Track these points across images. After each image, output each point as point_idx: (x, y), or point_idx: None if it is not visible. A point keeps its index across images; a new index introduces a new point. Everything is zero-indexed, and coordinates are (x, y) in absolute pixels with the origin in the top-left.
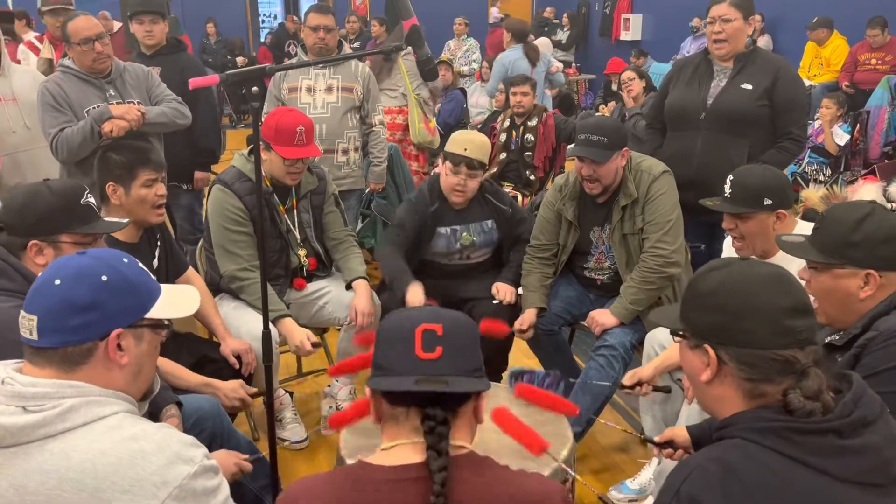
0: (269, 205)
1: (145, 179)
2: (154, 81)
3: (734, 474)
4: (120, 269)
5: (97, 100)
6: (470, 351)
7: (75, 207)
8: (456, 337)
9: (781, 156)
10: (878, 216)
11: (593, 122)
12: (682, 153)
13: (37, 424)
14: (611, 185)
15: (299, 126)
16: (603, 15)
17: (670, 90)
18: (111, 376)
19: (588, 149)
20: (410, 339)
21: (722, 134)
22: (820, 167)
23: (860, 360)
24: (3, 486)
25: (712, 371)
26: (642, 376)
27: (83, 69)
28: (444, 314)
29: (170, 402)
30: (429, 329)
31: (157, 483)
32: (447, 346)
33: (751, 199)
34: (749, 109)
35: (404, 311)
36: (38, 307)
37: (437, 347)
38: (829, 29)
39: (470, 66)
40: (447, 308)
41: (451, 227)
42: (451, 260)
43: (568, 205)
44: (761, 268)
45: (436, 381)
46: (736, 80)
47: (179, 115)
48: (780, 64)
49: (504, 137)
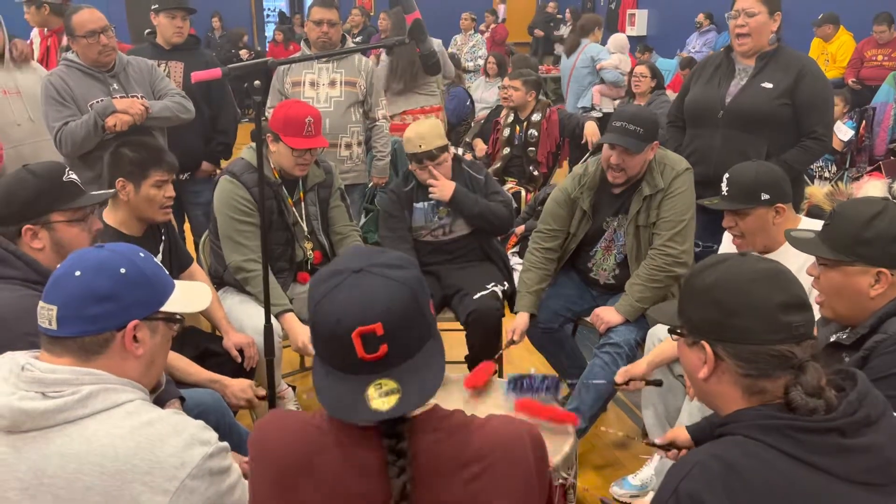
0: (278, 197)
1: (156, 180)
2: (157, 75)
3: (736, 472)
4: (137, 262)
5: (101, 94)
6: (415, 328)
7: (59, 185)
8: (398, 326)
9: (804, 155)
10: (891, 213)
11: (631, 111)
12: (700, 151)
13: (57, 409)
14: (634, 176)
15: (308, 117)
16: (608, 10)
17: (691, 88)
18: (127, 366)
19: (624, 137)
20: (348, 345)
21: (740, 132)
22: (825, 164)
23: (868, 363)
24: (23, 470)
25: (710, 368)
26: (634, 374)
27: (88, 62)
28: (379, 301)
29: (173, 397)
30: (366, 332)
31: (175, 464)
32: (392, 340)
33: (748, 195)
34: (768, 108)
35: (331, 299)
36: (58, 297)
37: (381, 346)
38: (835, 25)
39: (476, 61)
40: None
41: (428, 203)
42: (435, 236)
43: (586, 194)
44: (756, 263)
45: (389, 391)
46: (757, 78)
47: (183, 108)
48: (804, 62)
49: (507, 133)
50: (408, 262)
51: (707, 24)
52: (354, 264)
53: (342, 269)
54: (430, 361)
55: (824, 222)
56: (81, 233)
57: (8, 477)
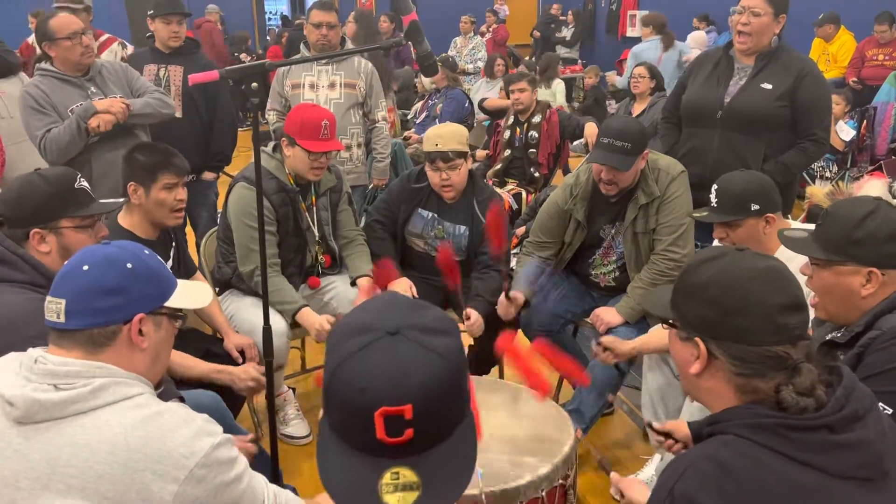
0: (293, 203)
1: (166, 183)
2: (133, 75)
3: (728, 472)
4: (143, 258)
5: (79, 98)
6: (450, 410)
7: (70, 192)
8: (432, 409)
9: (801, 157)
10: (882, 213)
11: (617, 126)
12: (697, 151)
13: (70, 400)
14: (627, 186)
15: (324, 120)
16: (609, 11)
17: (689, 85)
18: (133, 359)
19: (611, 155)
20: (368, 423)
21: (738, 134)
22: (826, 163)
23: (863, 360)
24: (36, 460)
25: (702, 364)
26: (618, 348)
27: (66, 67)
28: (413, 378)
29: (173, 397)
30: (392, 414)
31: (185, 454)
32: (420, 425)
33: (737, 207)
34: (767, 109)
35: (356, 360)
36: (67, 291)
37: (406, 430)
38: (836, 25)
39: (475, 63)
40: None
41: (433, 214)
42: (427, 249)
43: (579, 205)
44: (755, 261)
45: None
46: (756, 79)
47: (163, 104)
48: (804, 63)
49: (508, 134)
50: (451, 326)
51: (704, 26)
52: (389, 324)
53: (375, 327)
54: (460, 449)
55: (817, 222)
56: (88, 239)
57: (21, 467)
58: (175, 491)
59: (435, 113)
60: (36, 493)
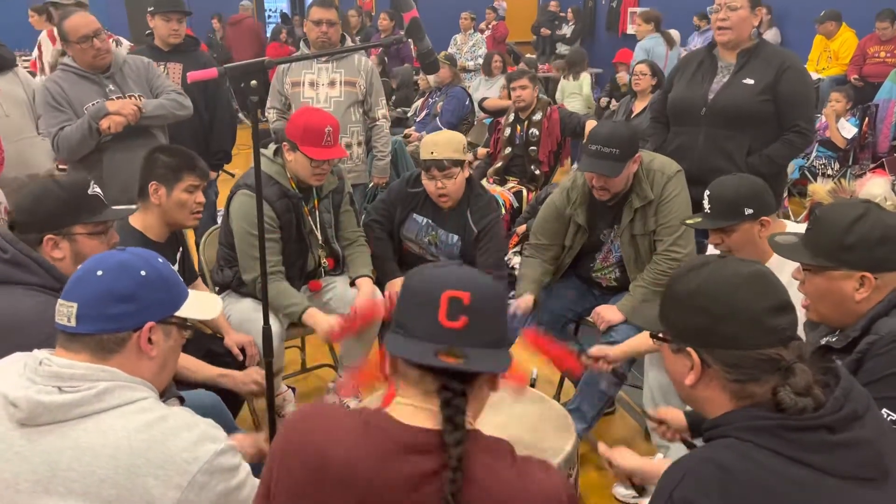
0: (296, 209)
1: (188, 185)
2: (154, 73)
3: (731, 474)
4: (157, 266)
5: (97, 96)
6: (494, 322)
7: (84, 199)
8: (482, 307)
9: (786, 148)
10: (872, 217)
11: (605, 133)
12: (683, 149)
13: (74, 403)
14: (621, 191)
15: (328, 126)
16: (609, 9)
17: (675, 85)
18: (141, 366)
19: (600, 162)
20: (435, 304)
21: (723, 129)
22: (828, 161)
23: (863, 365)
24: (37, 462)
25: (696, 374)
26: (610, 354)
27: (83, 66)
28: (473, 280)
29: (172, 398)
30: (455, 297)
31: (187, 459)
32: (472, 316)
33: (731, 212)
34: (749, 104)
35: (435, 269)
36: (80, 295)
37: (462, 317)
38: (837, 22)
39: (476, 60)
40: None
41: (427, 220)
42: (422, 253)
43: (579, 210)
44: (740, 267)
45: (455, 354)
46: (738, 75)
47: (179, 106)
48: (785, 57)
49: (509, 132)
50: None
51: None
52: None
53: (447, 263)
54: (501, 357)
55: (807, 227)
56: (101, 245)
57: (22, 469)
58: (177, 498)
59: (435, 111)
60: (36, 495)
